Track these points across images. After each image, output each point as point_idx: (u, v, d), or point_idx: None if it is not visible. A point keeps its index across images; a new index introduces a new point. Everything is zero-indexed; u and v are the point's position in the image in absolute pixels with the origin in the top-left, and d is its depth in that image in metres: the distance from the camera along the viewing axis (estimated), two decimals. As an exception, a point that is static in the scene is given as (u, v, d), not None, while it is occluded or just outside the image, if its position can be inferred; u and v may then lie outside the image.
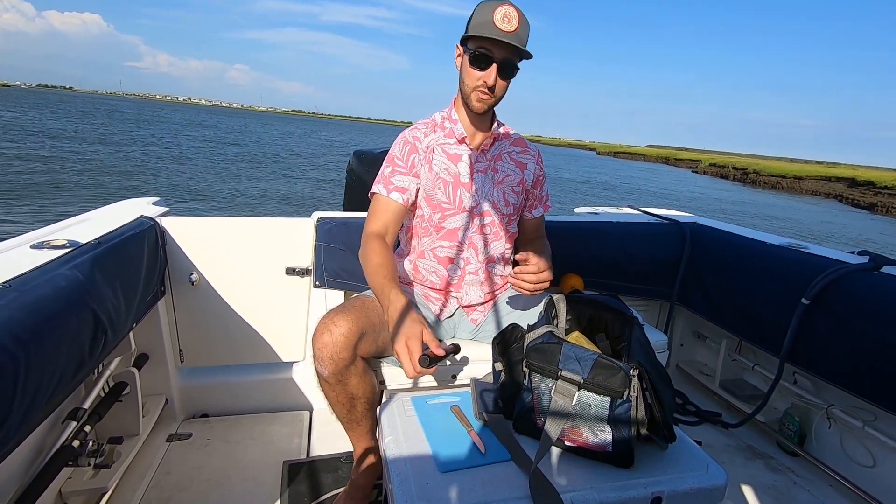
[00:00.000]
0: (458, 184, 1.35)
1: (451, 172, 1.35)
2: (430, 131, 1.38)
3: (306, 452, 1.63)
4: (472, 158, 1.36)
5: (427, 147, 1.36)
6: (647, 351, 1.02)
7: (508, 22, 1.18)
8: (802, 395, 1.72)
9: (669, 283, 2.09)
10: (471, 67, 1.25)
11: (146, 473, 1.48)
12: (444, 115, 1.40)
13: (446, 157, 1.35)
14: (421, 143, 1.36)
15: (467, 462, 0.92)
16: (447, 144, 1.36)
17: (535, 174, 1.45)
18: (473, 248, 1.38)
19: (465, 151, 1.36)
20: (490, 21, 1.18)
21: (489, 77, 1.23)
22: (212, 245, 1.73)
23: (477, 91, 1.26)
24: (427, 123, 1.40)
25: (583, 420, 0.91)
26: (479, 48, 1.21)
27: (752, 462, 1.68)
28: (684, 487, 0.89)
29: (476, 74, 1.24)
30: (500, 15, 1.18)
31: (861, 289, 1.46)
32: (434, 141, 1.36)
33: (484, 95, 1.26)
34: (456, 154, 1.36)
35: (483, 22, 1.20)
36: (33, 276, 1.00)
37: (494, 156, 1.40)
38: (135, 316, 1.38)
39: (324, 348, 1.12)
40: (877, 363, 1.37)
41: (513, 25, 1.19)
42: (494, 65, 1.22)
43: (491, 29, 1.18)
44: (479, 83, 1.25)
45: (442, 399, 1.14)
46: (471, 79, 1.26)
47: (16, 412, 0.81)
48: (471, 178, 1.35)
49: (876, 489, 1.48)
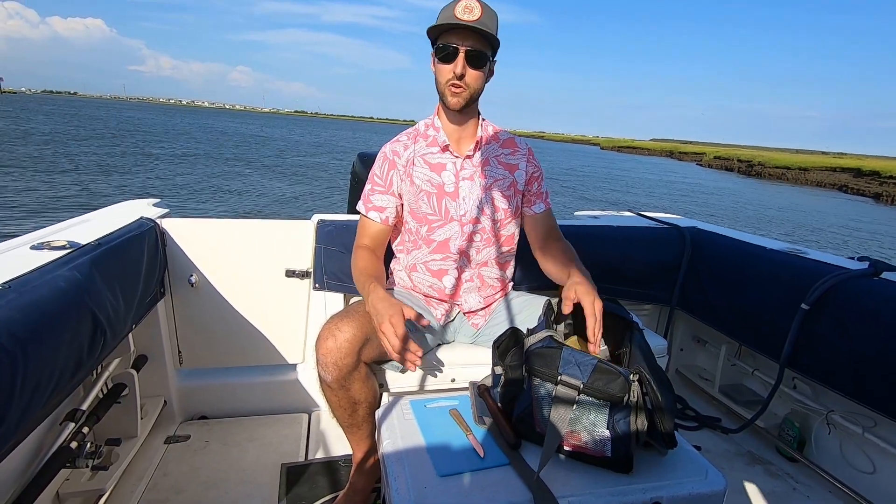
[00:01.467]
0: (443, 194, 1.33)
1: (433, 183, 1.34)
2: (410, 143, 1.38)
3: (305, 455, 1.63)
4: (457, 166, 1.35)
5: (407, 161, 1.36)
6: (647, 356, 1.01)
7: (470, 12, 1.19)
8: (802, 401, 1.72)
9: (669, 288, 2.09)
10: (439, 63, 1.25)
11: (144, 475, 1.48)
12: (428, 123, 1.39)
13: (428, 168, 1.34)
14: (400, 158, 1.36)
15: (466, 466, 0.92)
16: (429, 154, 1.35)
17: (527, 173, 1.42)
18: (466, 256, 1.37)
19: (448, 160, 1.35)
20: (451, 14, 1.20)
21: (457, 67, 1.23)
22: (211, 247, 1.73)
23: (449, 86, 1.26)
24: (409, 134, 1.40)
25: (582, 425, 0.91)
26: (443, 42, 1.23)
27: (751, 468, 1.67)
28: (683, 493, 0.89)
29: (445, 68, 1.25)
30: (461, 7, 1.19)
31: (861, 294, 1.46)
32: (415, 153, 1.36)
33: (457, 89, 1.26)
34: (439, 163, 1.35)
35: (445, 16, 1.21)
36: (33, 277, 1.00)
37: (481, 161, 1.37)
38: (134, 317, 1.38)
39: (328, 354, 1.11)
40: (877, 369, 1.37)
41: (475, 15, 1.19)
42: (461, 54, 1.22)
43: (451, 19, 1.19)
44: (449, 76, 1.25)
45: (441, 403, 1.14)
46: (441, 74, 1.27)
47: (14, 412, 0.81)
48: (456, 186, 1.34)
49: (875, 495, 1.47)
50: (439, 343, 1.42)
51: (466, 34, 1.20)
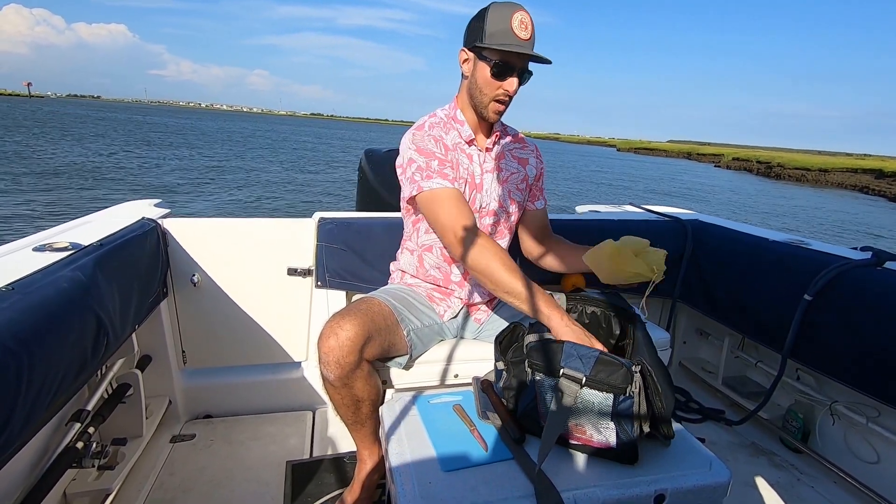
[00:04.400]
0: (473, 185, 1.35)
1: (469, 173, 1.34)
2: (444, 132, 1.33)
3: (309, 452, 1.63)
4: (481, 159, 1.36)
5: (452, 145, 1.33)
6: (650, 348, 1.01)
7: (525, 29, 1.18)
8: (806, 392, 1.72)
9: (671, 281, 2.09)
10: (492, 78, 1.23)
11: (150, 474, 1.48)
12: (450, 115, 1.36)
13: (465, 157, 1.34)
14: (446, 140, 1.32)
15: (470, 461, 0.92)
16: (461, 144, 1.35)
17: (537, 168, 1.47)
18: None
19: (474, 152, 1.36)
20: (509, 30, 1.17)
21: (511, 87, 1.22)
22: (213, 246, 1.73)
23: (496, 102, 1.26)
24: (437, 124, 1.34)
25: (586, 417, 0.91)
26: (501, 60, 1.20)
27: (755, 459, 1.68)
28: (687, 485, 0.89)
29: (497, 84, 1.23)
30: (517, 23, 1.17)
31: (864, 284, 1.46)
32: (452, 140, 1.34)
33: (502, 107, 1.26)
34: (469, 155, 1.35)
35: (501, 31, 1.17)
36: (36, 279, 1.01)
37: (498, 154, 1.39)
38: (137, 317, 1.39)
39: (330, 352, 1.12)
40: (880, 359, 1.37)
41: (529, 31, 1.18)
42: (515, 74, 1.21)
43: (511, 38, 1.17)
44: (499, 93, 1.24)
45: (444, 398, 1.14)
46: (490, 88, 1.24)
47: (19, 414, 0.81)
48: (481, 178, 1.36)
49: (880, 485, 1.47)
50: (442, 339, 1.42)
51: (525, 56, 1.19)
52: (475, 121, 1.35)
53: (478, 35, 1.21)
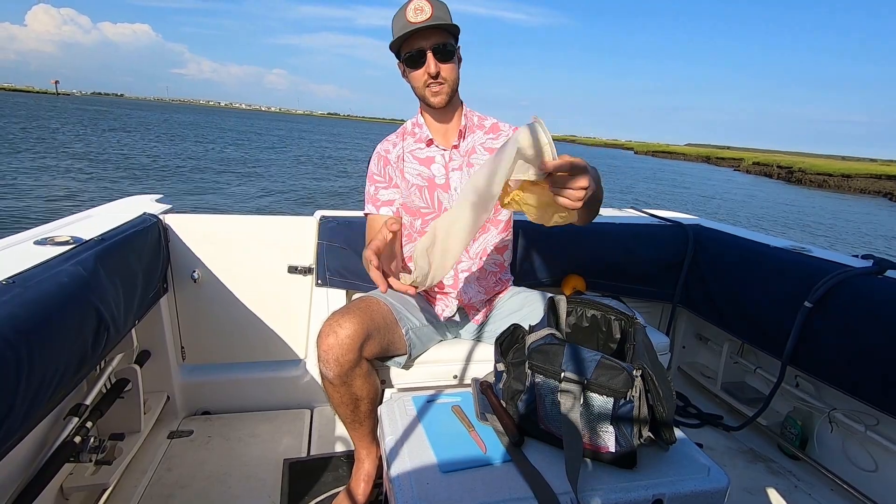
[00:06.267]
0: (434, 186, 1.35)
1: (424, 177, 1.36)
2: (398, 140, 1.40)
3: (307, 451, 1.63)
4: (446, 158, 1.36)
5: (397, 157, 1.38)
6: (649, 352, 1.01)
7: (421, 12, 1.20)
8: (804, 399, 1.72)
9: (672, 285, 2.09)
10: (410, 71, 1.27)
11: (147, 470, 1.48)
12: (413, 121, 1.41)
13: (417, 163, 1.36)
14: (391, 155, 1.39)
15: (468, 462, 0.92)
16: (417, 150, 1.37)
17: None
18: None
19: (436, 152, 1.36)
20: (404, 20, 1.20)
21: (430, 68, 1.24)
22: (214, 242, 1.73)
23: (428, 88, 1.27)
24: (396, 134, 1.42)
25: (586, 421, 0.91)
26: (406, 50, 1.24)
27: (753, 465, 1.67)
28: (685, 490, 0.89)
29: (417, 73, 1.26)
30: (411, 11, 1.20)
31: (864, 292, 1.46)
32: (403, 149, 1.38)
33: (436, 87, 1.27)
34: (428, 157, 1.36)
35: (400, 25, 1.22)
36: (36, 273, 1.01)
37: (467, 150, 1.38)
38: (137, 313, 1.38)
39: (329, 350, 1.12)
40: (879, 367, 1.37)
41: (427, 13, 1.20)
42: (429, 54, 1.22)
43: (407, 25, 1.20)
44: (424, 79, 1.26)
45: (443, 399, 1.14)
46: (416, 80, 1.28)
47: (18, 407, 0.81)
48: (446, 178, 1.35)
49: (878, 493, 1.47)
50: (441, 340, 1.42)
51: (427, 34, 1.21)
52: (436, 121, 1.37)
53: (393, 44, 1.27)
